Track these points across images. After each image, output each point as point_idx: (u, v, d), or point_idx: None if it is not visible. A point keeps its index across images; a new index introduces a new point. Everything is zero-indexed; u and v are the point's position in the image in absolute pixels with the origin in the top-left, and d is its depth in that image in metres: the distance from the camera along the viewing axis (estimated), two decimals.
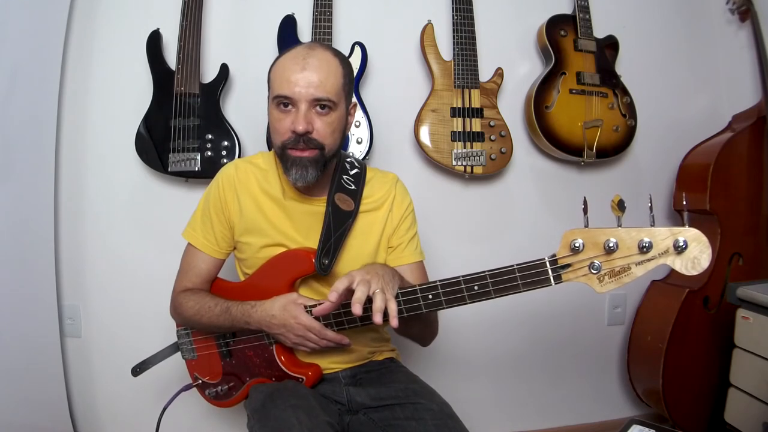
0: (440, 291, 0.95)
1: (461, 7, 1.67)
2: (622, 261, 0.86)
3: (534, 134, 1.74)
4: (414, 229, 1.22)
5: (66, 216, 1.65)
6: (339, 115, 1.06)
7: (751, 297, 1.40)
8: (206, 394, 1.25)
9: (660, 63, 1.92)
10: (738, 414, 1.45)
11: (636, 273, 0.86)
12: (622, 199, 0.84)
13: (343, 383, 1.16)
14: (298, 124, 1.01)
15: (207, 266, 1.19)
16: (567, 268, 0.89)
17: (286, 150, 1.05)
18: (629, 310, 1.89)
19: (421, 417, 1.04)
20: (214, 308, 1.11)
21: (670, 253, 0.84)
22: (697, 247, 0.83)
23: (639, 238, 0.84)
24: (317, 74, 1.01)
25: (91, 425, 1.69)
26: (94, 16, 1.65)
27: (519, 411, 1.87)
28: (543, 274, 0.90)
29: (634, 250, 0.85)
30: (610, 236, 0.85)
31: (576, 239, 0.87)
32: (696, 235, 0.83)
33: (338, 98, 1.04)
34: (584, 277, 0.88)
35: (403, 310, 0.96)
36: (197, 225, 1.19)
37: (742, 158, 1.69)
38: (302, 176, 1.04)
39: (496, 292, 0.92)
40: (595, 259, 0.87)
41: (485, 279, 0.92)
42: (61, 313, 1.64)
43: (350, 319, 1.02)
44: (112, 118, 1.65)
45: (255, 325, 1.07)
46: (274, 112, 1.05)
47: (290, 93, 1.01)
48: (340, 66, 1.06)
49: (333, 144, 1.07)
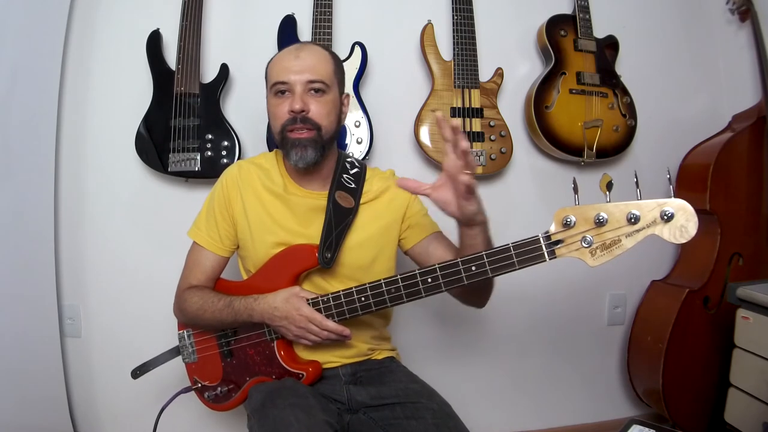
0: (439, 274, 0.98)
1: (461, 7, 1.67)
2: (612, 234, 0.89)
3: (534, 134, 1.74)
4: (425, 208, 1.25)
5: (66, 216, 1.65)
6: (332, 98, 1.13)
7: (751, 297, 1.40)
8: (205, 398, 1.25)
9: (660, 63, 1.92)
10: (738, 414, 1.45)
11: (626, 245, 0.89)
12: (611, 180, 0.89)
13: (342, 382, 1.17)
14: (295, 103, 1.08)
15: (211, 264, 1.21)
16: (560, 243, 0.92)
17: (285, 133, 1.10)
18: (629, 310, 1.89)
19: (421, 416, 1.05)
20: (218, 303, 1.13)
21: (657, 223, 0.87)
22: (684, 216, 0.86)
23: (627, 211, 0.88)
24: (310, 60, 1.11)
25: (91, 425, 1.69)
26: (94, 16, 1.65)
27: (519, 411, 1.87)
28: (537, 250, 0.93)
29: (623, 222, 0.88)
30: (600, 210, 0.89)
31: (568, 215, 0.91)
32: (681, 204, 0.86)
33: (330, 82, 1.12)
34: (577, 251, 0.91)
35: (404, 296, 1.01)
36: (202, 224, 1.21)
37: (742, 158, 1.69)
38: (302, 157, 1.10)
39: (493, 271, 0.95)
40: (586, 233, 0.90)
41: (482, 258, 0.95)
42: (61, 313, 1.64)
43: (351, 309, 1.05)
44: (112, 118, 1.65)
45: (258, 317, 1.09)
46: (273, 100, 1.13)
47: (285, 78, 1.10)
48: (330, 56, 1.16)
49: (329, 126, 1.13)
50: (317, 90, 1.10)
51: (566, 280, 1.74)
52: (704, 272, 1.66)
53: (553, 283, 1.74)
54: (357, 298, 1.04)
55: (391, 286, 1.02)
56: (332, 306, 1.06)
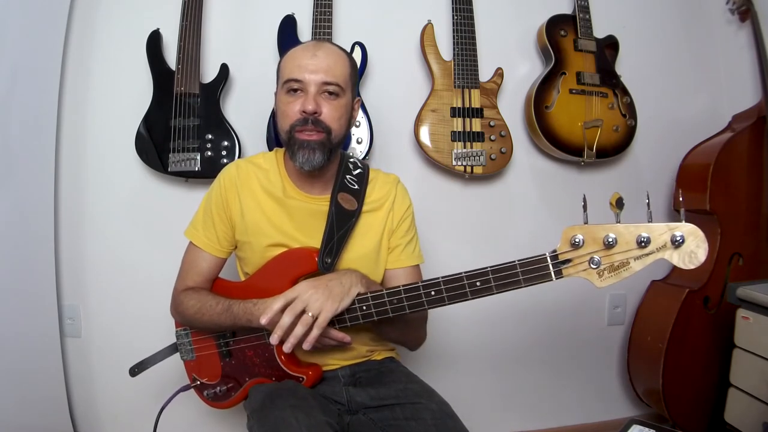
0: (443, 287, 0.97)
1: (461, 7, 1.67)
2: (621, 256, 0.88)
3: (534, 134, 1.74)
4: (412, 232, 1.22)
5: (66, 216, 1.65)
6: (345, 103, 1.10)
7: (751, 297, 1.40)
8: (204, 396, 1.25)
9: (660, 63, 1.92)
10: (738, 414, 1.45)
11: (635, 268, 0.88)
12: (621, 197, 0.86)
13: (342, 383, 1.17)
14: (308, 103, 1.04)
15: (208, 265, 1.19)
16: (567, 263, 0.91)
17: (294, 133, 1.07)
18: (629, 310, 1.89)
19: (421, 417, 1.04)
20: (216, 306, 1.11)
21: (667, 247, 0.86)
22: (694, 242, 0.85)
23: (637, 234, 0.86)
24: (327, 60, 1.07)
25: (91, 425, 1.69)
26: (94, 16, 1.65)
27: (519, 411, 1.87)
28: (544, 269, 0.92)
29: (633, 245, 0.87)
30: (609, 232, 0.88)
31: (576, 235, 0.89)
32: (692, 229, 0.85)
33: (345, 85, 1.09)
34: (584, 272, 0.90)
35: (406, 307, 1.00)
36: (199, 224, 1.20)
37: (742, 158, 1.69)
38: (309, 160, 1.07)
39: (498, 288, 0.94)
40: (594, 254, 0.89)
41: (487, 275, 0.94)
42: (61, 313, 1.64)
43: (353, 317, 1.03)
44: (112, 118, 1.65)
45: (257, 322, 1.07)
46: (284, 97, 1.09)
47: (300, 77, 1.05)
48: (348, 59, 1.13)
49: (339, 130, 1.10)
50: (331, 93, 1.07)
51: (566, 281, 1.73)
52: (704, 272, 1.66)
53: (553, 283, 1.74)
54: (358, 306, 1.02)
55: (393, 297, 1.00)
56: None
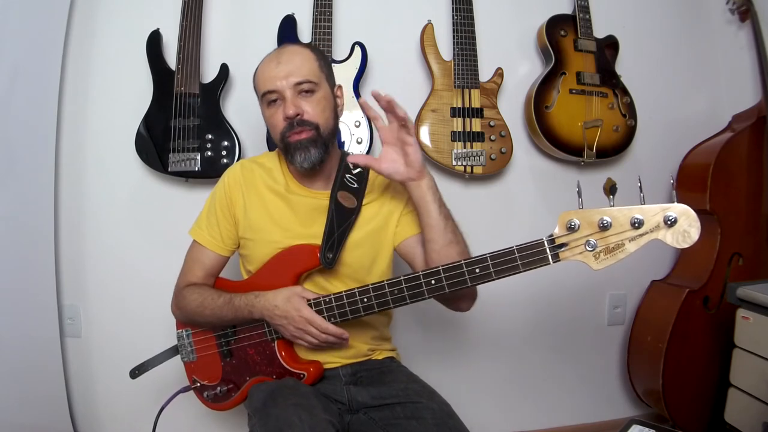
0: (443, 275, 0.98)
1: (461, 7, 1.67)
2: (616, 238, 0.90)
3: (534, 134, 1.74)
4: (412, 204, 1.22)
5: (66, 216, 1.65)
6: (324, 95, 1.12)
7: (751, 297, 1.40)
8: (204, 397, 1.25)
9: (660, 63, 1.92)
10: (738, 414, 1.45)
11: (629, 249, 0.90)
12: (614, 183, 0.90)
13: (343, 382, 1.17)
14: (288, 109, 1.08)
15: (211, 263, 1.21)
16: (564, 247, 0.92)
17: (286, 139, 1.10)
18: (629, 310, 1.89)
19: (422, 416, 1.04)
20: (218, 299, 1.13)
21: (660, 227, 0.88)
22: (686, 221, 0.87)
23: (631, 215, 0.89)
24: (291, 63, 1.10)
25: (91, 425, 1.69)
26: (94, 16, 1.65)
27: (519, 411, 1.87)
28: (542, 253, 0.94)
29: (627, 226, 0.89)
30: (604, 215, 0.90)
31: (572, 219, 0.91)
32: (684, 209, 0.87)
33: (318, 79, 1.11)
34: (581, 255, 0.92)
35: (407, 297, 1.02)
36: (203, 223, 1.22)
37: (742, 158, 1.69)
38: (306, 158, 1.09)
39: (497, 273, 0.96)
40: (590, 237, 0.91)
41: (486, 261, 0.96)
42: (61, 313, 1.64)
43: (354, 309, 1.05)
44: (112, 118, 1.65)
45: (258, 314, 1.09)
46: (267, 111, 1.13)
47: (273, 87, 1.09)
48: (311, 52, 1.15)
49: (326, 123, 1.12)
50: (307, 90, 1.09)
51: (566, 281, 1.74)
52: (704, 272, 1.66)
53: (553, 283, 1.74)
54: (360, 299, 1.04)
55: (394, 287, 1.01)
56: (334, 306, 1.06)
